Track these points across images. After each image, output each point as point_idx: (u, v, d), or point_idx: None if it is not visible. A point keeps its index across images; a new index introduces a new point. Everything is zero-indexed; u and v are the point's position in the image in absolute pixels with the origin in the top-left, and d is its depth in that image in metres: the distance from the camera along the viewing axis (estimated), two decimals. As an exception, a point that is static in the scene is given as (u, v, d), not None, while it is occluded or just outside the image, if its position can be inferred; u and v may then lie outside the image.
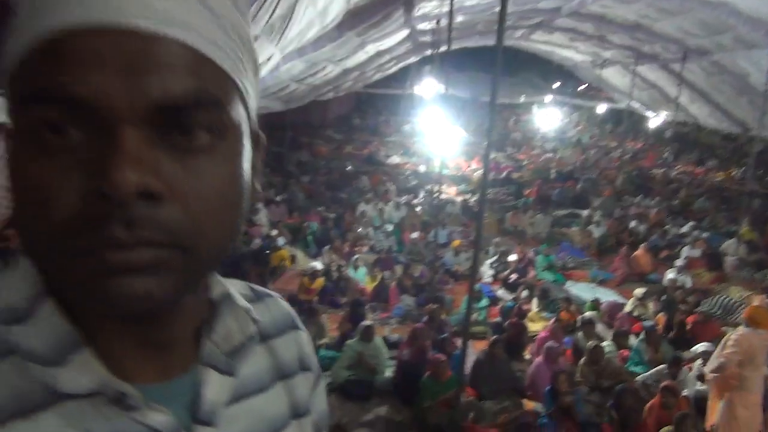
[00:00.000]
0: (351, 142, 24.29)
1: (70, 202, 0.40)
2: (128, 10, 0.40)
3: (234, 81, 0.47)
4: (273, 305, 0.70)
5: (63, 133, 0.41)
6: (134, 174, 0.39)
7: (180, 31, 0.42)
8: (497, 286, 10.05)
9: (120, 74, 0.40)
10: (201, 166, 0.44)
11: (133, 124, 0.40)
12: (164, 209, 0.42)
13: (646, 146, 27.65)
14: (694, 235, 12.72)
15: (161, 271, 0.42)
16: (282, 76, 9.17)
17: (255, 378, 0.61)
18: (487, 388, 6.07)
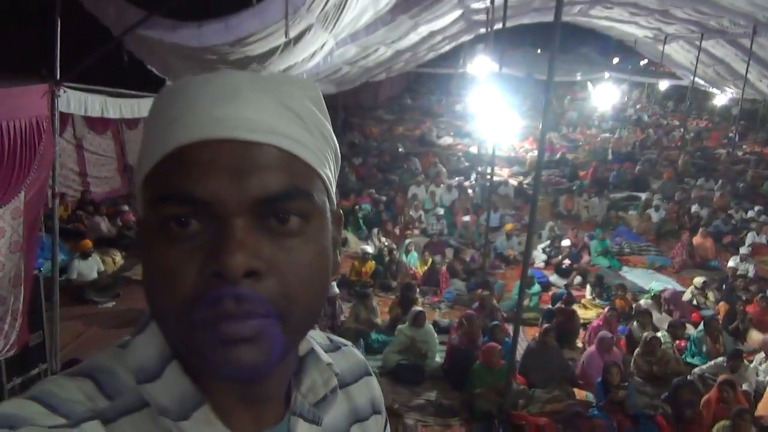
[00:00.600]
0: (402, 123, 24.23)
1: (191, 281, 0.50)
2: (233, 125, 0.52)
3: (318, 173, 0.57)
4: (349, 354, 0.80)
5: (186, 224, 0.51)
6: (242, 257, 0.49)
7: (274, 137, 0.53)
8: (550, 271, 9.92)
9: (229, 177, 0.51)
10: (293, 245, 0.53)
11: (240, 215, 0.50)
12: (264, 284, 0.51)
13: (710, 125, 26.41)
14: (761, 220, 12.17)
15: (263, 339, 0.51)
16: (335, 60, 9.23)
17: (335, 424, 0.70)
18: (537, 376, 6.06)
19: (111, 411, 0.55)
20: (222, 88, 0.53)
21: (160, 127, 0.54)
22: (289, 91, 0.56)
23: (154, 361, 0.57)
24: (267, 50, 5.61)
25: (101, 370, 0.58)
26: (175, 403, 0.55)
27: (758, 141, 23.06)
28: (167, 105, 0.55)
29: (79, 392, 0.55)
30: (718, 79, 19.27)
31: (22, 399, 0.54)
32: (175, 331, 0.53)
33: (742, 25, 13.37)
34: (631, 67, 28.01)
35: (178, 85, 0.56)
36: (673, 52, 19.76)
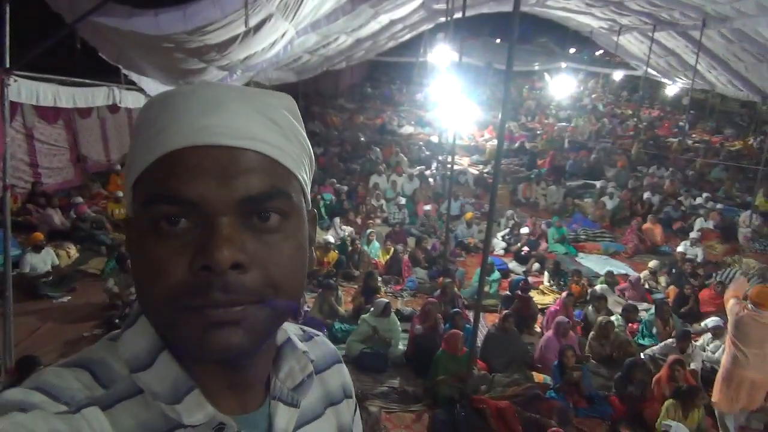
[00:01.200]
0: (363, 112, 24.17)
1: (181, 273, 0.55)
2: (218, 132, 0.57)
3: (296, 175, 0.63)
4: (321, 343, 0.86)
5: (175, 223, 0.56)
6: (229, 252, 0.54)
7: (256, 143, 0.59)
8: (509, 258, 10.12)
9: (215, 179, 0.56)
10: (274, 241, 0.59)
11: (226, 214, 0.56)
12: (249, 275, 0.56)
13: (662, 114, 27.23)
14: (709, 206, 12.66)
15: (248, 323, 0.57)
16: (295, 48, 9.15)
17: (312, 407, 0.76)
18: (497, 361, 6.21)
19: (107, 398, 0.59)
20: (207, 99, 0.59)
21: (149, 135, 0.59)
22: (268, 102, 0.62)
23: (146, 351, 0.62)
24: (226, 39, 5.53)
25: (95, 361, 0.62)
26: (167, 388, 0.61)
27: (707, 130, 23.92)
28: (156, 114, 0.60)
29: (76, 381, 0.59)
30: (670, 69, 19.85)
31: (24, 389, 0.57)
32: (166, 319, 0.57)
33: (692, 18, 13.78)
34: (587, 57, 28.57)
35: (165, 96, 0.61)
36: (627, 43, 20.25)
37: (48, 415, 0.55)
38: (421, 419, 5.38)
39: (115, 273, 7.39)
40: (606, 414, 5.61)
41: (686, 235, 10.83)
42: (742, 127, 23.84)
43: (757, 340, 4.91)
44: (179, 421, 0.60)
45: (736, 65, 15.42)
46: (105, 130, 12.42)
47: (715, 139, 21.69)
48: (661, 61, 19.29)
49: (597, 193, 13.51)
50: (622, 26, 18.46)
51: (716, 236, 11.17)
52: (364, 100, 27.46)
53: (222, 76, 7.56)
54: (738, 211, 12.48)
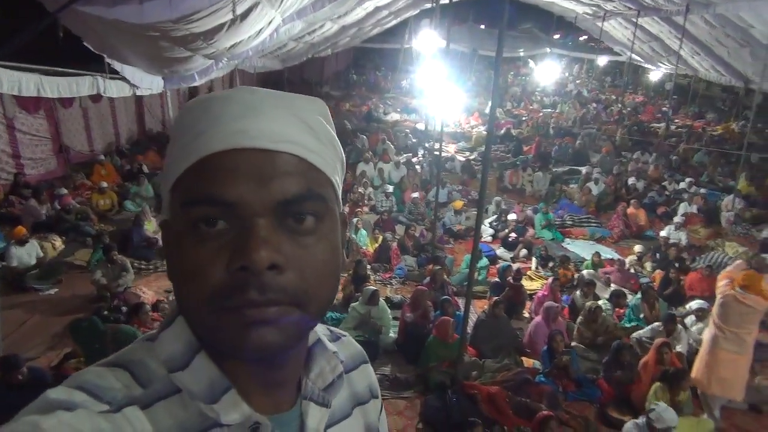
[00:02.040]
0: (349, 99, 24.06)
1: (219, 274, 0.56)
2: (256, 136, 0.59)
3: (329, 178, 0.65)
4: (348, 344, 0.87)
5: (213, 224, 0.58)
6: (266, 253, 0.55)
7: (292, 146, 0.60)
8: (496, 245, 10.18)
9: (253, 181, 0.58)
10: (309, 243, 0.60)
11: (263, 216, 0.57)
12: (285, 276, 0.57)
13: (645, 100, 27.43)
14: (692, 191, 12.81)
15: (284, 323, 0.58)
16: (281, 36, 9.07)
17: (340, 407, 0.77)
18: (487, 347, 6.27)
19: (146, 397, 0.61)
20: (244, 103, 0.61)
21: (187, 138, 0.61)
22: (302, 106, 0.64)
23: (183, 351, 0.64)
24: (213, 27, 5.46)
25: (134, 362, 0.64)
26: (204, 388, 0.62)
27: (689, 115, 24.15)
28: (194, 119, 0.62)
29: (116, 381, 0.61)
30: (654, 55, 20.00)
31: (67, 388, 0.59)
32: (204, 320, 0.59)
33: (676, 3, 13.87)
34: (572, 43, 28.64)
35: (202, 100, 0.63)
36: (611, 28, 20.34)
37: (92, 414, 0.56)
38: (414, 405, 5.44)
39: (102, 264, 7.33)
40: (594, 397, 5.71)
41: (670, 220, 10.96)
42: (723, 112, 24.11)
43: (737, 320, 5.04)
44: (217, 420, 0.62)
45: (719, 50, 15.58)
46: (88, 119, 12.24)
47: (698, 124, 21.91)
48: (644, 46, 19.43)
49: (582, 179, 13.59)
50: (606, 12, 18.54)
51: (700, 220, 11.32)
52: (349, 87, 27.34)
53: (208, 64, 7.48)
54: (721, 196, 12.64)
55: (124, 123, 13.92)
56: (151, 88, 7.21)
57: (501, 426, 5.09)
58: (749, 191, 12.81)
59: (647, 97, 28.05)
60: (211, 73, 8.49)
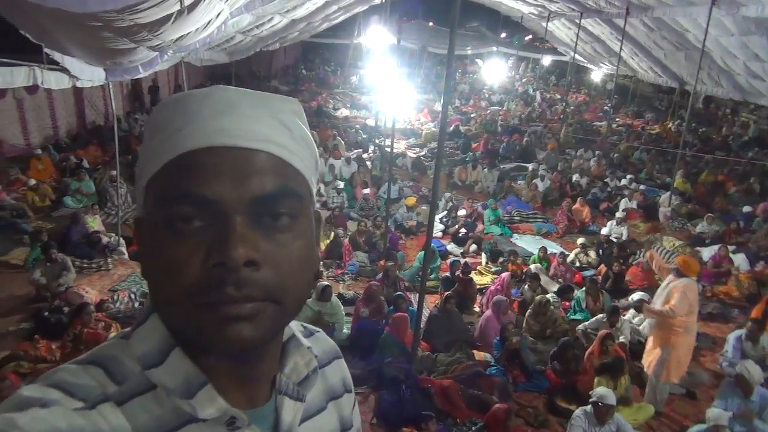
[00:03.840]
0: (298, 94, 23.79)
1: (196, 271, 0.57)
2: (234, 134, 0.59)
3: (305, 177, 0.65)
4: (321, 339, 0.87)
5: (189, 222, 0.57)
6: (243, 249, 0.56)
7: (268, 145, 0.61)
8: (447, 240, 10.31)
9: (231, 179, 0.58)
10: (285, 240, 0.61)
11: (240, 213, 0.58)
12: (261, 273, 0.58)
13: (588, 99, 28.33)
14: (632, 187, 13.32)
15: (259, 318, 0.58)
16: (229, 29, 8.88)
17: (315, 401, 0.78)
18: (440, 341, 6.35)
19: (121, 394, 0.61)
20: (221, 101, 0.61)
21: (164, 135, 0.61)
22: (277, 105, 0.65)
23: (158, 348, 0.63)
24: (159, 18, 5.28)
25: (108, 359, 0.63)
26: (180, 384, 0.62)
27: (629, 114, 25.11)
28: (170, 115, 0.61)
29: (91, 378, 0.61)
30: (596, 55, 20.67)
31: (41, 385, 0.58)
32: (180, 315, 0.59)
33: (616, 6, 14.37)
34: (518, 42, 29.25)
35: (179, 97, 0.63)
36: (555, 29, 20.89)
37: (67, 411, 0.56)
38: (368, 401, 5.45)
39: (41, 263, 7.01)
40: (542, 387, 5.89)
41: (612, 215, 11.37)
42: (661, 112, 25.17)
43: (695, 308, 5.37)
44: (193, 415, 0.61)
45: (657, 53, 16.26)
46: (23, 111, 11.67)
47: (637, 123, 22.81)
48: (587, 47, 20.05)
49: (529, 176, 13.92)
50: (551, 12, 19.03)
51: (639, 216, 11.79)
52: (298, 82, 27.06)
53: (152, 56, 7.25)
54: (659, 192, 13.21)
55: (63, 116, 13.34)
56: (92, 79, 6.92)
57: (454, 419, 5.17)
58: (685, 188, 13.43)
59: (589, 96, 28.98)
60: (156, 66, 8.22)
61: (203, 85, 21.47)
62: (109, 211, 9.89)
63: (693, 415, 5.59)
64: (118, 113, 10.47)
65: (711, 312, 7.96)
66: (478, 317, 7.23)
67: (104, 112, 14.71)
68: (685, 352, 5.41)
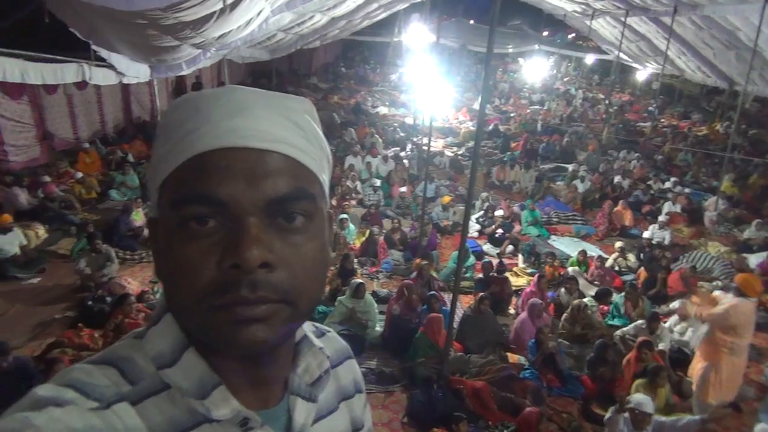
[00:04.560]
0: (337, 92, 23.95)
1: (211, 272, 0.57)
2: (246, 135, 0.59)
3: (318, 177, 0.65)
4: (333, 340, 0.87)
5: (204, 223, 0.58)
6: (257, 251, 0.56)
7: (282, 146, 0.61)
8: (483, 240, 10.21)
9: (244, 181, 0.58)
10: (299, 241, 0.61)
11: (254, 214, 0.58)
12: (275, 274, 0.58)
13: (632, 99, 27.64)
14: (676, 190, 12.95)
15: (273, 320, 0.59)
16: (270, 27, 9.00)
17: (327, 402, 0.78)
18: (473, 342, 6.30)
19: (135, 394, 0.61)
20: (234, 102, 0.61)
21: (177, 137, 0.61)
22: (290, 106, 0.64)
23: (172, 348, 0.64)
24: (202, 16, 5.39)
25: (122, 359, 0.64)
26: (194, 384, 0.62)
27: (675, 115, 24.39)
28: (183, 116, 0.61)
29: (105, 378, 0.61)
30: (641, 54, 20.13)
31: (56, 385, 0.59)
32: (196, 317, 0.59)
33: (664, 4, 13.95)
34: (560, 40, 28.75)
35: (191, 98, 0.63)
36: (599, 27, 20.42)
37: (82, 411, 0.56)
38: (399, 399, 5.46)
39: (86, 254, 7.25)
40: (578, 393, 5.77)
41: (655, 219, 11.08)
42: (708, 113, 24.37)
43: (749, 329, 5.07)
44: (206, 416, 0.62)
45: (705, 52, 15.72)
46: (72, 106, 12.05)
47: (683, 125, 22.13)
48: (632, 46, 19.53)
49: (569, 177, 13.67)
50: (595, 10, 18.60)
51: (683, 220, 11.45)
52: (337, 79, 27.20)
53: (196, 53, 7.40)
54: (704, 196, 12.81)
55: (111, 111, 13.73)
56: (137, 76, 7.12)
57: (485, 421, 5.13)
58: (732, 192, 12.98)
59: (634, 96, 28.27)
60: (199, 63, 8.41)
61: (244, 82, 21.83)
62: (151, 204, 10.15)
63: (737, 429, 5.40)
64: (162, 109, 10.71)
65: (758, 322, 7.66)
66: (513, 319, 7.14)
67: (149, 108, 15.09)
68: (730, 374, 5.09)
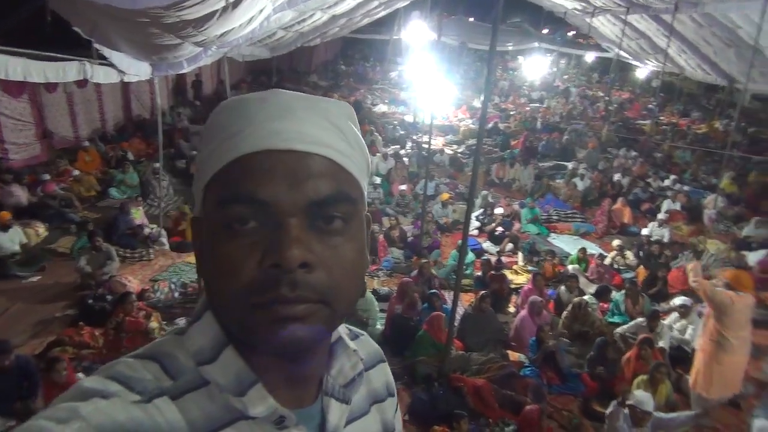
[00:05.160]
0: (337, 89, 23.92)
1: (252, 271, 0.58)
2: (290, 138, 0.61)
3: (358, 181, 0.67)
4: (366, 342, 0.88)
5: (246, 223, 0.59)
6: (297, 251, 0.57)
7: (323, 149, 0.62)
8: (483, 238, 10.23)
9: (286, 182, 0.59)
10: (338, 243, 0.62)
11: (295, 215, 0.59)
12: (314, 275, 0.59)
13: (632, 97, 27.63)
14: (676, 188, 12.96)
15: (311, 319, 0.60)
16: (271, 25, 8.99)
17: (359, 404, 0.79)
18: (473, 340, 6.32)
19: (176, 389, 0.63)
20: (278, 105, 0.63)
21: (222, 138, 0.62)
22: (333, 110, 0.66)
23: (211, 345, 0.65)
24: (204, 15, 5.39)
25: (164, 354, 0.66)
26: (232, 381, 0.64)
27: (674, 113, 24.39)
28: (228, 118, 0.63)
29: (147, 372, 0.63)
30: (641, 52, 20.10)
31: (101, 377, 0.61)
32: (235, 314, 0.60)
33: (665, 1, 13.94)
34: (560, 38, 28.70)
35: (236, 101, 0.65)
36: (600, 24, 20.40)
37: (126, 403, 0.58)
38: (400, 397, 5.45)
39: (86, 251, 7.26)
40: (578, 391, 5.80)
41: (654, 216, 11.09)
42: (708, 111, 24.36)
43: (743, 323, 5.04)
44: (243, 413, 0.63)
45: (705, 49, 15.70)
46: (72, 104, 12.05)
47: (683, 122, 22.13)
48: (632, 43, 19.51)
49: (568, 174, 13.68)
50: (595, 8, 18.57)
51: (683, 217, 11.45)
52: (337, 77, 27.18)
53: (197, 51, 7.40)
54: (704, 193, 12.81)
55: (111, 109, 13.73)
56: (138, 74, 7.11)
57: (486, 419, 5.15)
58: (732, 190, 12.98)
59: (633, 94, 28.26)
60: (200, 61, 8.39)
61: (244, 80, 21.81)
62: (151, 202, 10.17)
63: (736, 426, 5.42)
64: (162, 107, 10.71)
65: (756, 319, 7.67)
66: (512, 317, 7.16)
67: (149, 106, 15.09)
68: (726, 371, 5.07)
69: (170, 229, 8.96)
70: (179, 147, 12.77)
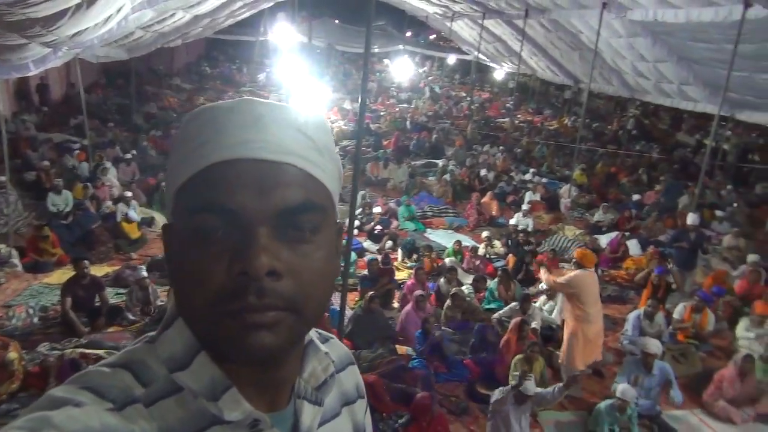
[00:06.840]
0: (203, 92, 23.02)
1: (220, 279, 0.58)
2: (258, 147, 0.61)
3: (327, 189, 0.66)
4: (336, 345, 0.88)
5: (215, 231, 0.59)
6: (265, 259, 0.57)
7: (292, 158, 0.62)
8: (363, 237, 10.37)
9: (254, 191, 0.59)
10: (307, 252, 0.62)
11: (263, 224, 0.59)
12: (282, 283, 0.59)
13: (491, 96, 29.43)
14: (535, 180, 14.02)
15: (280, 327, 0.60)
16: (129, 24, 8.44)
17: (331, 406, 0.79)
18: (362, 339, 6.41)
19: (148, 396, 0.63)
20: (247, 114, 0.63)
21: (191, 147, 0.62)
22: (303, 119, 0.66)
23: (183, 352, 0.65)
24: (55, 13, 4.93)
25: (135, 362, 0.65)
26: (205, 387, 0.64)
27: (529, 111, 26.38)
28: (198, 127, 0.63)
29: (119, 381, 0.63)
30: (498, 55, 21.50)
31: (72, 387, 0.60)
32: (204, 321, 0.61)
33: (516, 8, 15.02)
34: (423, 41, 29.87)
35: (206, 109, 0.65)
36: (459, 29, 21.53)
37: (99, 411, 0.58)
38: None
39: None
40: (463, 376, 6.09)
41: (518, 207, 11.93)
42: (557, 108, 26.63)
43: (596, 296, 5.72)
44: (219, 417, 0.63)
45: (553, 52, 17.16)
46: None
47: (537, 120, 23.99)
48: (489, 46, 20.81)
49: (439, 171, 14.28)
50: (454, 12, 19.58)
51: (543, 207, 12.43)
52: (202, 80, 26.14)
53: (45, 52, 6.77)
54: (559, 184, 14.00)
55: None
56: (-26, 77, 6.37)
57: (380, 413, 5.24)
58: (582, 180, 14.32)
59: (492, 94, 30.13)
60: (49, 63, 7.66)
61: (98, 82, 20.28)
62: (-3, 220, 9.11)
63: (600, 392, 5.99)
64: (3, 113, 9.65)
65: (610, 294, 8.55)
66: (397, 312, 7.35)
67: (-12, 111, 13.50)
68: (590, 340, 5.72)
69: (22, 248, 8.11)
70: (26, 157, 11.61)
